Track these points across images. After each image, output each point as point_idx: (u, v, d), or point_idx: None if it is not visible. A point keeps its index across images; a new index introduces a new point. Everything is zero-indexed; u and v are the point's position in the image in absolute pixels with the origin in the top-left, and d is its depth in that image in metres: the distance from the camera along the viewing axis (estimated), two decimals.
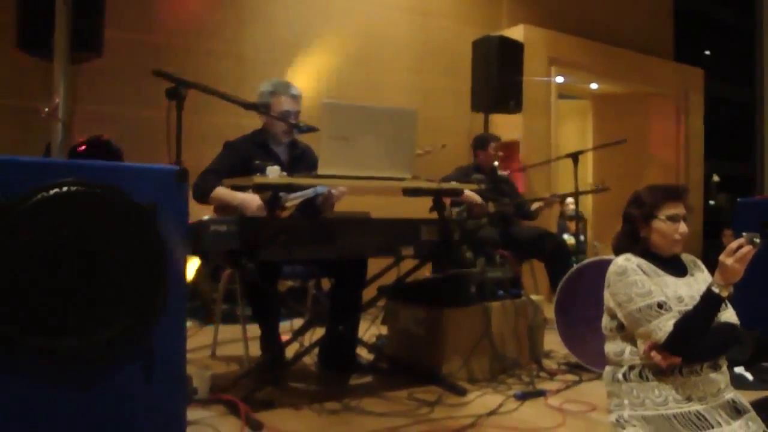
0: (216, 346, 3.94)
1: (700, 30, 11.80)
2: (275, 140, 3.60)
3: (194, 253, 2.81)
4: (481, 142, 5.26)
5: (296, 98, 3.57)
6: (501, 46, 6.11)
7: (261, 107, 3.42)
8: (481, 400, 3.10)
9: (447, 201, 4.67)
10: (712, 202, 9.01)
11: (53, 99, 3.56)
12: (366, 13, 6.49)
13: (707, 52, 12.17)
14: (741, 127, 11.93)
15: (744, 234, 2.16)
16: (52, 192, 2.02)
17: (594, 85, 8.71)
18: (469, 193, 4.44)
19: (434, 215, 3.28)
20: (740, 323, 2.33)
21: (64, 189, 2.04)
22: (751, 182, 11.35)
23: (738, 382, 3.05)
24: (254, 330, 3.53)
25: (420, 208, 3.47)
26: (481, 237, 4.62)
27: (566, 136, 8.54)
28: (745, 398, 2.33)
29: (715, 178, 8.57)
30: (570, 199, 5.09)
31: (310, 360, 3.57)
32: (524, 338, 3.69)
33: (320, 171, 2.84)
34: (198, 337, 4.20)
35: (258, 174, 2.81)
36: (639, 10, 8.69)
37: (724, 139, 10.73)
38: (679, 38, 9.44)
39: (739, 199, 4.31)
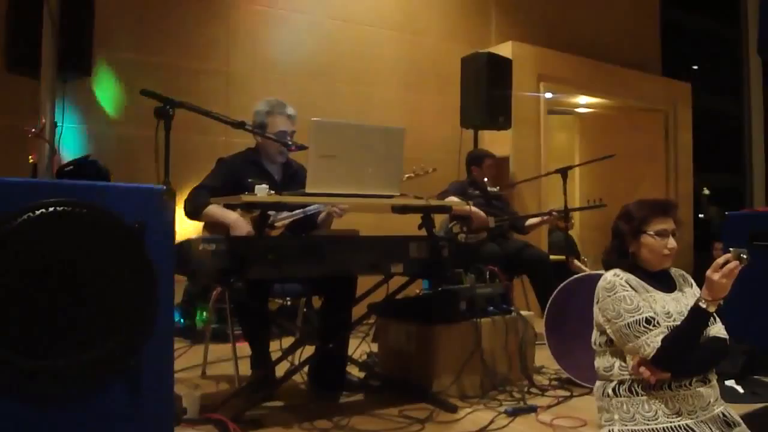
0: (206, 365, 3.92)
1: (688, 44, 11.89)
2: (269, 159, 3.60)
3: (183, 272, 2.80)
4: (476, 158, 5.27)
5: (292, 118, 3.58)
6: (490, 62, 6.13)
7: (250, 127, 3.42)
8: (472, 417, 3.08)
9: (449, 214, 4.70)
10: (701, 215, 9.03)
11: (40, 120, 3.56)
12: (355, 32, 6.51)
13: (695, 67, 12.25)
14: (730, 140, 11.96)
15: (731, 249, 2.17)
16: (38, 212, 2.02)
17: (582, 100, 8.75)
18: (474, 208, 4.46)
19: (423, 232, 3.27)
20: (731, 336, 2.34)
21: (51, 209, 2.04)
22: (742, 194, 11.38)
23: (729, 396, 3.05)
24: (244, 349, 3.51)
25: (408, 225, 3.45)
26: (484, 252, 4.64)
27: (556, 151, 8.57)
28: (736, 411, 2.34)
29: (706, 191, 8.58)
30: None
31: (300, 378, 3.55)
32: (515, 354, 3.68)
33: (308, 189, 2.85)
34: (188, 357, 4.18)
35: (247, 192, 2.81)
36: (626, 25, 8.76)
37: (713, 152, 10.76)
38: (666, 53, 9.50)
39: (727, 213, 4.33)
